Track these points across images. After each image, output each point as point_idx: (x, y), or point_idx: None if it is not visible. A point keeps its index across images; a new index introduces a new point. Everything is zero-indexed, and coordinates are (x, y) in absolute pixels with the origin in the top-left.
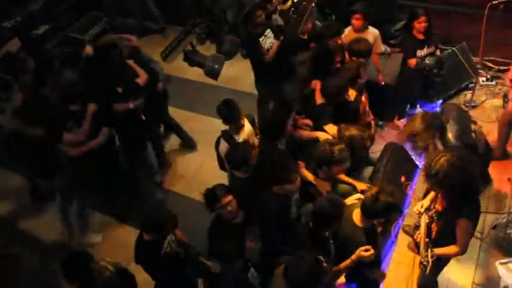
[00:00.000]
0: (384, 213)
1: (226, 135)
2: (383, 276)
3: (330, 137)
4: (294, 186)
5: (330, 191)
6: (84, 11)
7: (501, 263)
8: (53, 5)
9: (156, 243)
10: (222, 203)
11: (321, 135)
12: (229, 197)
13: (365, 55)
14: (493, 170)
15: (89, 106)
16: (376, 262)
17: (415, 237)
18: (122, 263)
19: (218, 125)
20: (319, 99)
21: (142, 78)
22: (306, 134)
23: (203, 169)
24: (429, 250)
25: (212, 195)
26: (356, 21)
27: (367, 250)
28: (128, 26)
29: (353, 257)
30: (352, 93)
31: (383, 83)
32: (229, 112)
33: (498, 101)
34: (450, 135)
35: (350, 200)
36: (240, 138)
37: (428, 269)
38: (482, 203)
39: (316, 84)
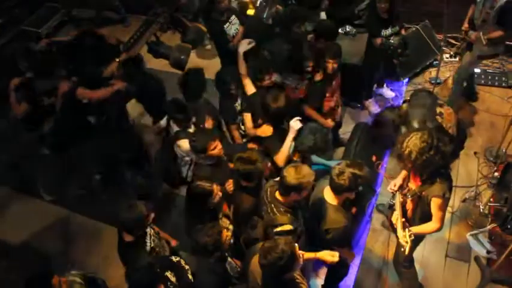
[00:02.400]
0: (350, 185)
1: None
2: (352, 256)
3: None
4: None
5: None
6: (39, 3)
7: (471, 235)
8: None
9: (138, 242)
10: (214, 193)
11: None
12: (216, 185)
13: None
14: None
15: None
16: (347, 242)
17: (390, 217)
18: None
19: None
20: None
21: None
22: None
23: None
24: (407, 230)
25: (203, 191)
26: None
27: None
28: (87, 18)
29: (318, 255)
30: (319, 75)
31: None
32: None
33: None
34: (414, 122)
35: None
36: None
37: (407, 248)
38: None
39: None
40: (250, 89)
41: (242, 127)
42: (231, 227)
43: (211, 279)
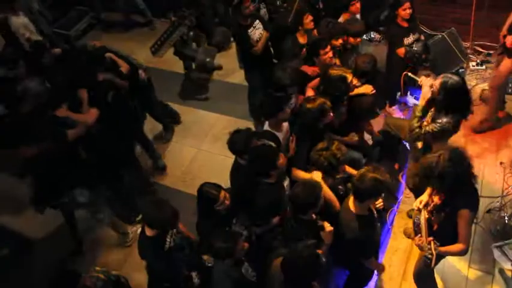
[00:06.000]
0: (371, 190)
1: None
2: (382, 268)
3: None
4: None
5: None
6: (69, 6)
7: (496, 246)
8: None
9: (159, 238)
10: (220, 200)
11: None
12: (224, 192)
13: (360, 35)
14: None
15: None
16: (374, 251)
17: (416, 239)
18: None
19: (209, 118)
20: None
21: (124, 67)
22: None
23: (194, 162)
24: (432, 243)
25: (209, 197)
26: (353, 7)
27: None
28: (115, 21)
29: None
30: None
31: None
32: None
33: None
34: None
35: None
36: None
37: (433, 261)
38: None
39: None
40: None
41: None
42: (245, 232)
43: (227, 283)
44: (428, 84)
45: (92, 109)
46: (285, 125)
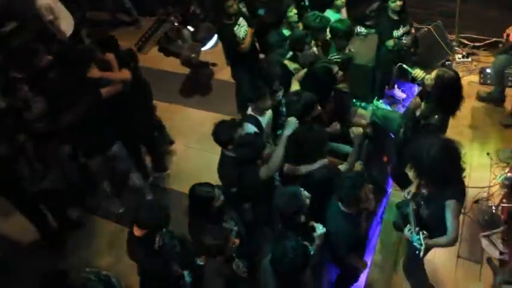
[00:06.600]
0: (349, 198)
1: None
2: (364, 265)
3: None
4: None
5: None
6: None
7: (484, 236)
8: None
9: (148, 238)
10: (216, 198)
11: None
12: (216, 190)
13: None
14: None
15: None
16: (356, 248)
17: (405, 231)
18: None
19: (197, 116)
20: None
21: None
22: None
23: (183, 160)
24: (420, 233)
25: (205, 196)
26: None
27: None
28: (102, 20)
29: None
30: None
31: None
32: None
33: (474, 77)
34: None
35: None
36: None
37: (422, 252)
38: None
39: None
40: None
41: None
42: (236, 228)
43: (219, 280)
44: (422, 76)
45: (123, 69)
46: (268, 112)
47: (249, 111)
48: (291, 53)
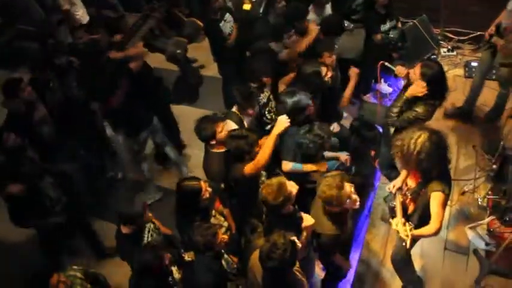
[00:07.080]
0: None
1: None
2: (347, 265)
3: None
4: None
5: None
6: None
7: (470, 228)
8: None
9: (136, 235)
10: (203, 191)
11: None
12: (203, 182)
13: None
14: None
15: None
16: (341, 248)
17: (392, 223)
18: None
19: (184, 112)
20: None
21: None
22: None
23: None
24: (407, 224)
25: (192, 189)
26: None
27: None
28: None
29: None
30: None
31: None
32: None
33: (459, 71)
34: None
35: None
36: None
37: (408, 242)
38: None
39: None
40: None
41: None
42: (225, 224)
43: (208, 276)
44: (404, 73)
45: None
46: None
47: (234, 108)
48: None
